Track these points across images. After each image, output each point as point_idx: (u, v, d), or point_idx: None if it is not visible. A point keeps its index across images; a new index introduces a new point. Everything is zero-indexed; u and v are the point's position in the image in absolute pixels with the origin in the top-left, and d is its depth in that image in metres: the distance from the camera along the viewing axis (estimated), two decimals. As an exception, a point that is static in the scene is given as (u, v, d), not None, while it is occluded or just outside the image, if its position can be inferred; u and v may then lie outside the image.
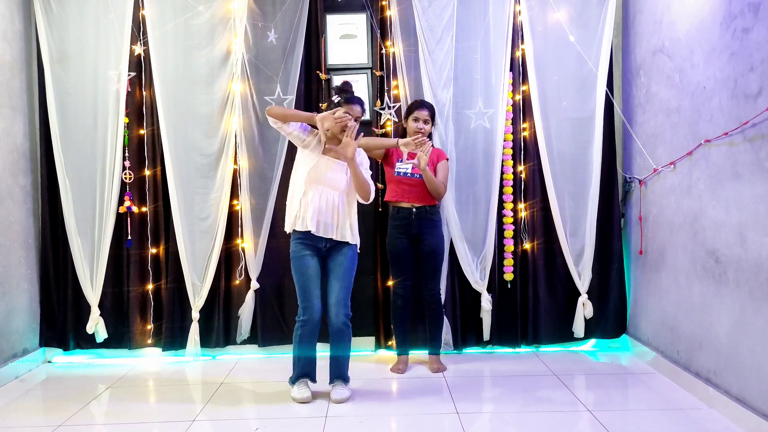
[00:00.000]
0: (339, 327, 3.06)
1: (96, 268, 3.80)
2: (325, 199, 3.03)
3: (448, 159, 3.61)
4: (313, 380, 3.16)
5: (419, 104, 3.53)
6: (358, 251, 3.18)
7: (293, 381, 3.12)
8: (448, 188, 3.60)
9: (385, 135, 3.84)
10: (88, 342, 3.86)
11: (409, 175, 3.44)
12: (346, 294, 3.08)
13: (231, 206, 3.81)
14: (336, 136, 3.04)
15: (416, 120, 3.46)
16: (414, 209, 3.45)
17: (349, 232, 3.08)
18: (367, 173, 3.14)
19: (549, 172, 3.79)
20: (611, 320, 3.87)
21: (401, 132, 3.66)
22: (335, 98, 3.14)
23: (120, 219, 3.82)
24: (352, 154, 2.99)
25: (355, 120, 3.06)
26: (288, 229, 3.11)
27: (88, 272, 3.80)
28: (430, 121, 3.50)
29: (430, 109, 3.53)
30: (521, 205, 3.86)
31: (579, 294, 3.83)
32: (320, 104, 3.84)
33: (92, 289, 3.80)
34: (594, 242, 3.80)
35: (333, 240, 3.06)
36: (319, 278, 3.09)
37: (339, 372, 3.13)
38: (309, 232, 3.01)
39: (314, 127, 3.09)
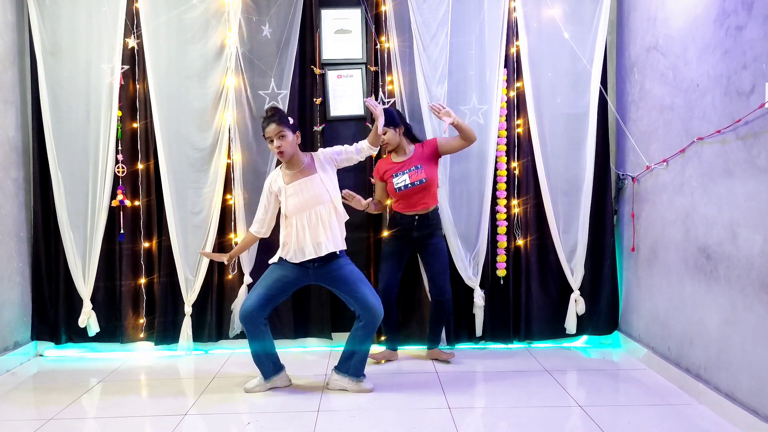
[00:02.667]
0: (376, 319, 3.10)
1: (88, 262, 3.79)
2: (314, 220, 3.03)
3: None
4: (267, 378, 3.18)
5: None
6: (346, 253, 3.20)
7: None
8: (440, 185, 3.65)
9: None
10: (79, 336, 3.85)
11: (409, 185, 3.43)
12: (375, 294, 3.11)
13: (224, 200, 3.81)
14: (287, 161, 3.06)
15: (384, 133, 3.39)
16: (417, 216, 3.47)
17: (333, 242, 3.05)
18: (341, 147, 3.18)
19: (542, 169, 3.80)
20: (603, 317, 3.88)
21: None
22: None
23: (112, 213, 3.82)
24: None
25: (281, 137, 2.99)
26: (276, 258, 3.12)
27: (80, 266, 3.79)
28: (389, 130, 3.41)
29: (390, 121, 3.40)
30: (514, 202, 3.87)
31: (571, 290, 3.84)
32: (314, 99, 3.83)
33: (84, 283, 3.79)
34: (586, 239, 3.81)
35: (319, 258, 3.05)
36: (283, 294, 3.11)
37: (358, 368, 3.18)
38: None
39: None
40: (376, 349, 3.87)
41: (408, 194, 3.45)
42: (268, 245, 3.79)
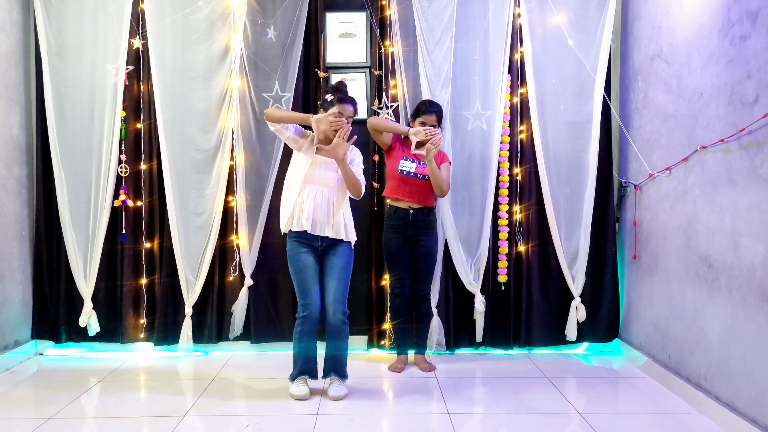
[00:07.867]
0: (337, 324, 3.08)
1: (90, 262, 3.79)
2: (319, 197, 3.04)
3: (450, 163, 3.60)
4: (314, 377, 3.17)
5: (427, 108, 3.45)
6: (353, 248, 3.18)
7: (293, 378, 3.13)
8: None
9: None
10: (80, 335, 3.85)
11: (412, 174, 3.43)
12: (343, 292, 3.09)
13: (226, 202, 3.81)
14: (329, 137, 3.04)
15: (423, 124, 3.39)
16: (411, 210, 3.46)
17: (343, 229, 3.08)
18: (359, 168, 3.15)
19: (545, 175, 3.80)
20: (604, 324, 3.88)
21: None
22: (329, 97, 3.13)
23: (115, 213, 3.82)
24: (343, 155, 2.99)
25: (347, 119, 3.07)
26: (284, 229, 3.11)
27: (82, 265, 3.79)
28: (437, 125, 3.45)
29: (438, 113, 3.47)
30: (516, 208, 3.87)
31: (572, 297, 3.84)
32: (318, 102, 3.83)
33: (85, 283, 3.79)
34: (588, 246, 3.81)
35: (328, 238, 3.07)
36: (317, 274, 3.08)
37: (337, 369, 3.15)
38: (305, 231, 3.02)
39: (307, 128, 3.11)
40: (376, 354, 3.88)
41: (405, 180, 3.43)
42: (270, 250, 3.80)
